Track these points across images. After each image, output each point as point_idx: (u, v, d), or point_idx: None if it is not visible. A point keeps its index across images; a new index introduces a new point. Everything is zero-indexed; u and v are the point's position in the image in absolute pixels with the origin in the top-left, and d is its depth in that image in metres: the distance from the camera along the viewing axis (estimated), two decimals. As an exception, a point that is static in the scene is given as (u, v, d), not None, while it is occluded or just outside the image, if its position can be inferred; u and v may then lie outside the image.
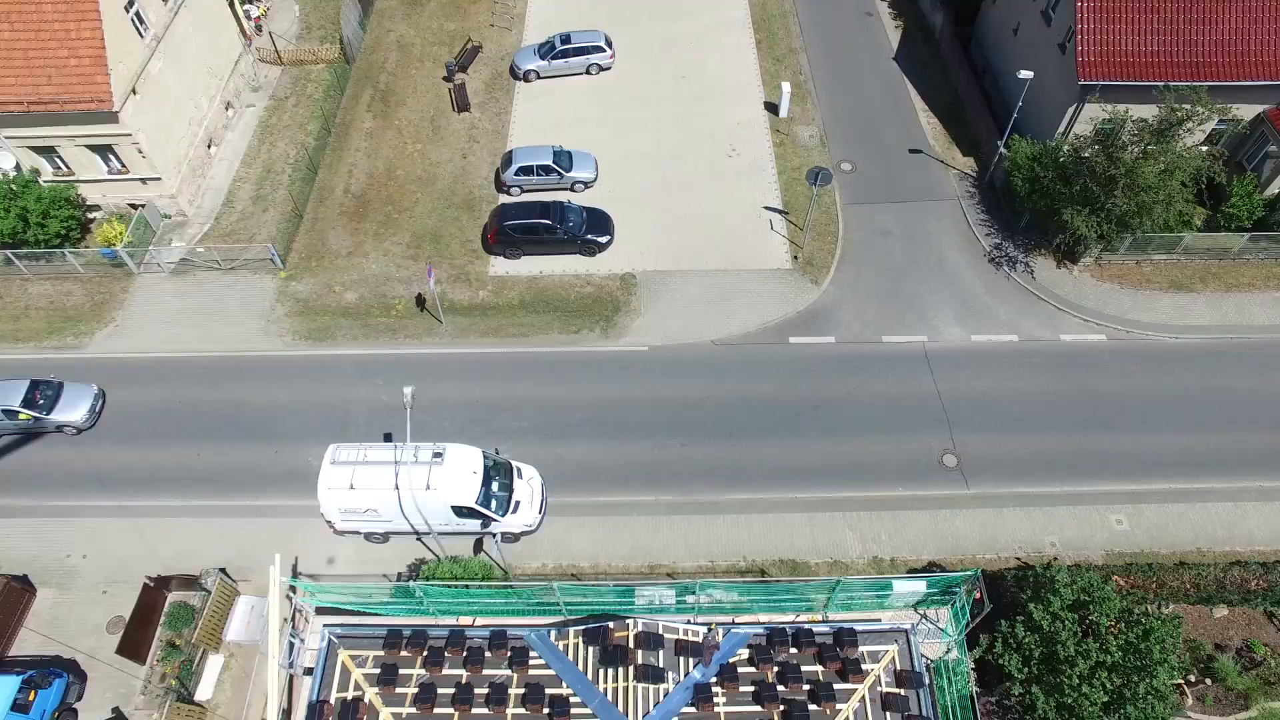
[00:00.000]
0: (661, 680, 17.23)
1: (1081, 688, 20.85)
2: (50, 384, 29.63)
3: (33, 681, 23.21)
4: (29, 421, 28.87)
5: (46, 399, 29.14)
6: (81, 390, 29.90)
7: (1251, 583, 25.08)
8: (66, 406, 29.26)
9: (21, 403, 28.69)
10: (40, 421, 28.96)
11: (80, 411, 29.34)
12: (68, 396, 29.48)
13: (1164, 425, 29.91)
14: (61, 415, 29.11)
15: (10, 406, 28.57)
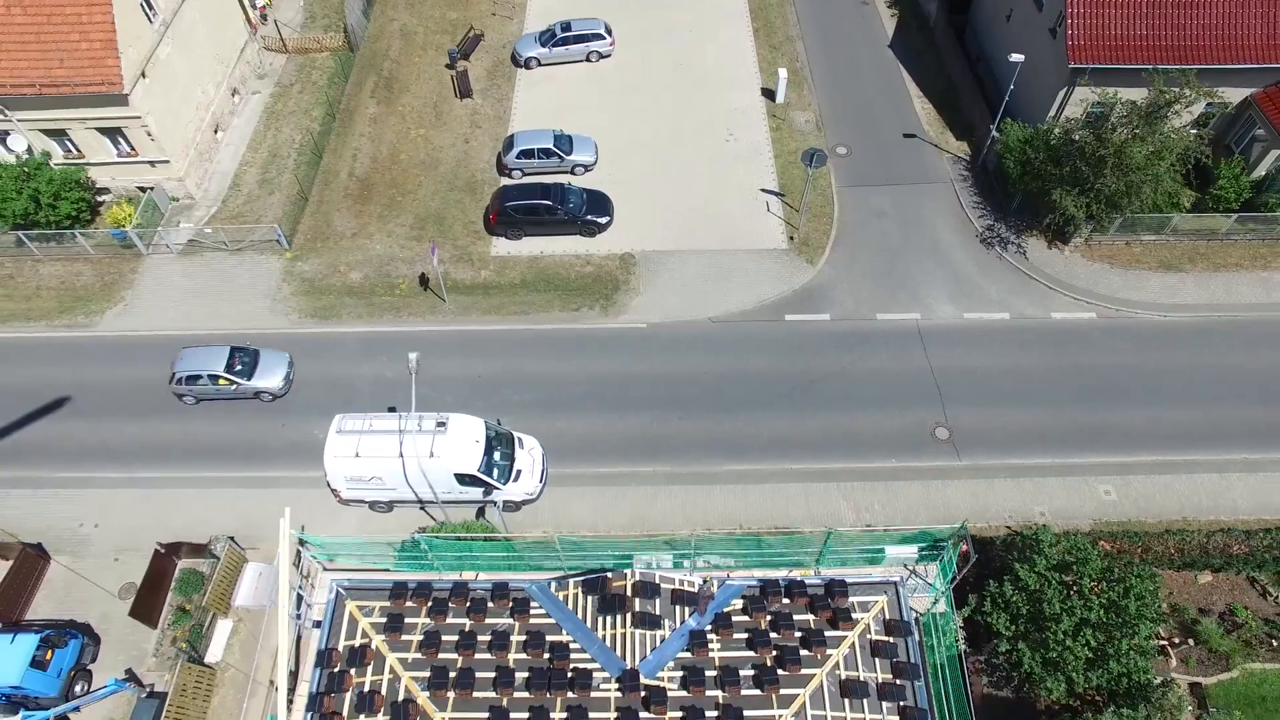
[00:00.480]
0: (658, 627, 17.88)
1: (1066, 642, 21.50)
2: (248, 350, 30.12)
3: (50, 641, 23.87)
4: (228, 387, 29.34)
5: (245, 365, 29.66)
6: (277, 357, 30.40)
7: (1234, 548, 25.70)
8: (264, 373, 29.82)
9: (224, 369, 29.18)
10: (240, 387, 29.41)
11: (278, 378, 29.89)
12: (264, 363, 30.01)
13: (1152, 400, 30.55)
14: (260, 381, 29.71)
15: (214, 372, 29.06)
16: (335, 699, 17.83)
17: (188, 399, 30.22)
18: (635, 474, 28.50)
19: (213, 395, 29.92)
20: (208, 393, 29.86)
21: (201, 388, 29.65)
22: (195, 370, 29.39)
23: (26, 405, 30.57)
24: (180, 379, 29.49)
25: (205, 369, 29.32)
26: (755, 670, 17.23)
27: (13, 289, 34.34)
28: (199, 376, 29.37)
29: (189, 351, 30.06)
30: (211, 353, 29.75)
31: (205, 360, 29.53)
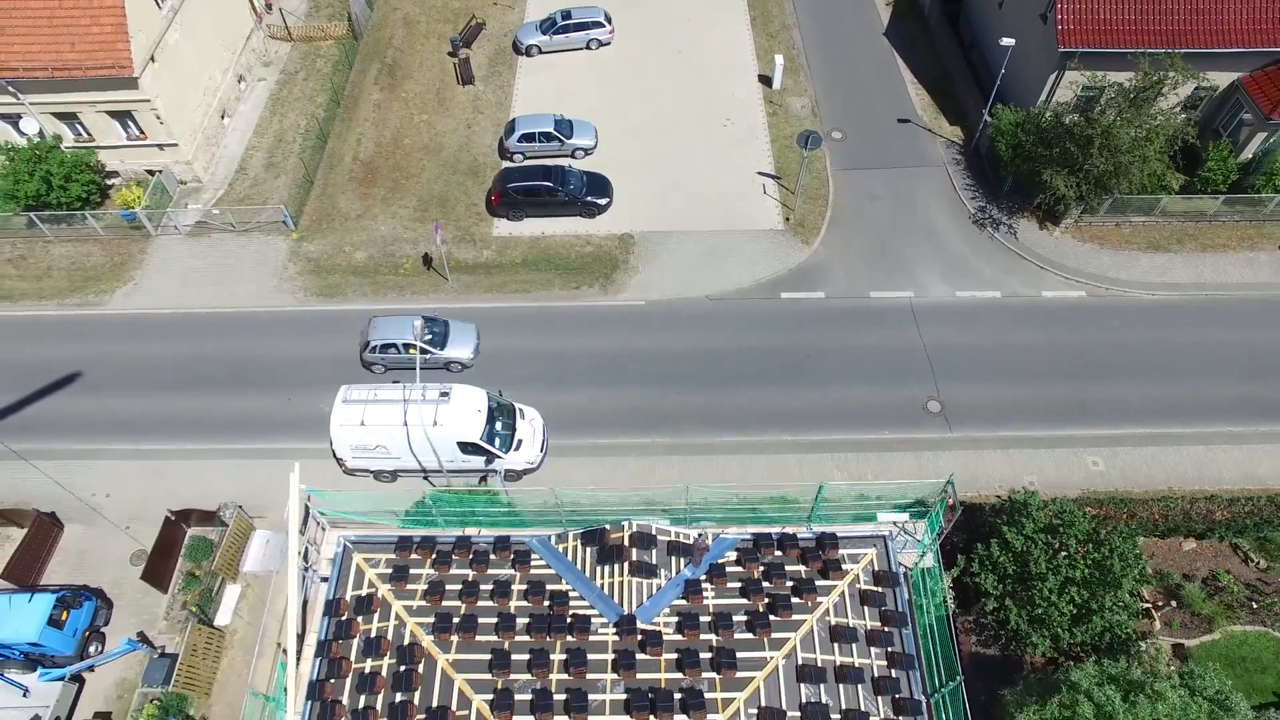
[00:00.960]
0: (654, 576, 18.54)
1: (1051, 599, 22.17)
2: (438, 321, 30.57)
3: (66, 601, 24.57)
4: (420, 356, 29.28)
5: (436, 335, 30.10)
6: (466, 328, 30.84)
7: (1216, 514, 26.34)
8: (456, 343, 30.28)
9: (419, 338, 29.23)
10: (432, 356, 29.76)
11: (468, 349, 30.39)
12: (455, 334, 30.42)
13: (1140, 375, 31.20)
14: (452, 352, 30.19)
15: (409, 341, 29.42)
16: (342, 645, 18.50)
17: (377, 368, 30.67)
18: (634, 445, 29.17)
19: (404, 364, 30.05)
20: (399, 362, 30.15)
21: (393, 357, 30.00)
22: (390, 339, 29.69)
23: (39, 380, 31.28)
24: (374, 348, 29.82)
25: (400, 338, 29.64)
26: (748, 616, 17.90)
27: (25, 269, 35.06)
28: (393, 345, 29.71)
29: (381, 320, 30.37)
30: (405, 322, 30.02)
31: (400, 329, 29.83)
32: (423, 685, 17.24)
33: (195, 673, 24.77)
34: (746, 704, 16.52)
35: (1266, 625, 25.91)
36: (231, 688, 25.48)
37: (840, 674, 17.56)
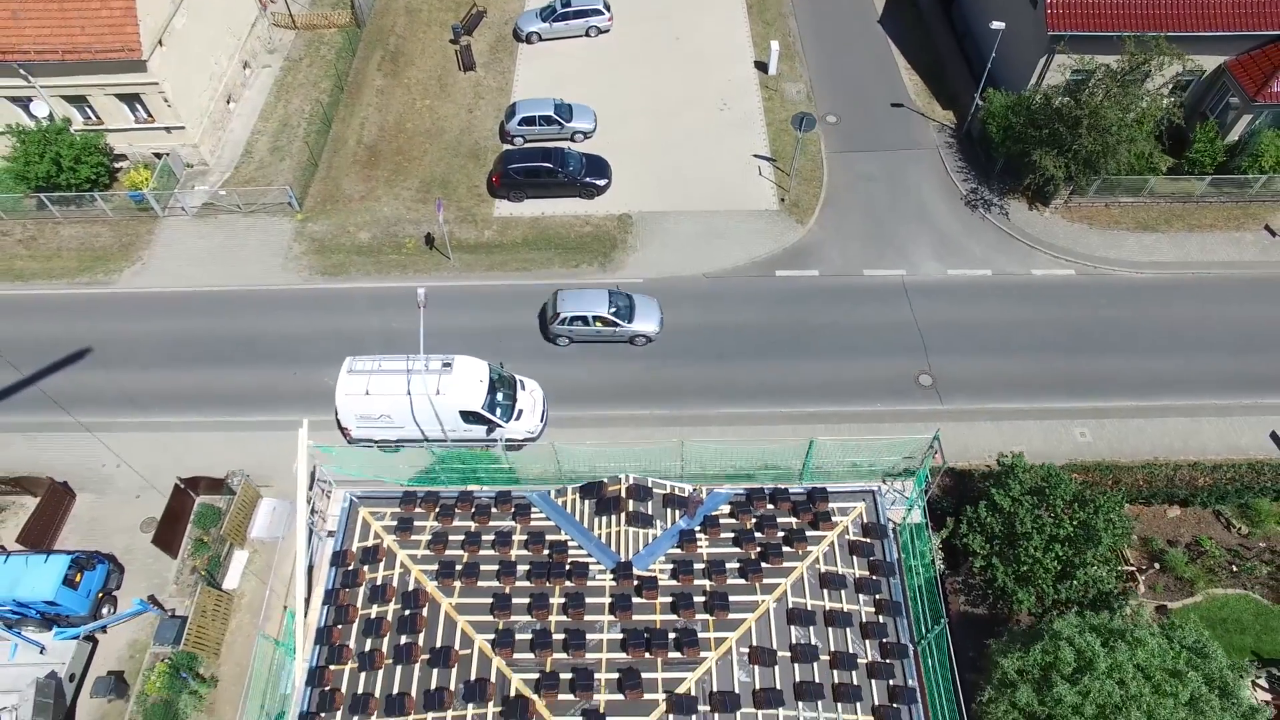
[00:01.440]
0: (650, 526, 19.24)
1: (1036, 555, 22.85)
2: (623, 294, 31.15)
3: (80, 563, 25.24)
4: (608, 329, 30.33)
5: (623, 308, 30.71)
6: (650, 302, 31.38)
7: (1199, 480, 27.02)
8: (642, 317, 30.81)
9: (607, 311, 30.23)
10: (619, 330, 30.38)
11: (653, 323, 30.87)
12: (640, 307, 30.97)
13: (1128, 350, 31.90)
14: (639, 325, 30.73)
15: (598, 314, 30.14)
16: (349, 593, 19.19)
17: (562, 340, 31.27)
18: (632, 416, 29.85)
19: (591, 338, 30.84)
20: (586, 335, 30.80)
21: (581, 329, 30.59)
22: (580, 312, 30.29)
23: (50, 356, 31.97)
24: (565, 320, 30.36)
25: (590, 311, 30.25)
26: (740, 563, 18.57)
27: (35, 249, 35.77)
28: (582, 318, 30.31)
29: (569, 294, 31.01)
30: (593, 295, 30.72)
31: (589, 303, 30.46)
32: (427, 628, 17.93)
33: (205, 633, 25.47)
34: (739, 643, 17.19)
35: (1246, 588, 26.61)
36: (240, 649, 26.17)
37: (829, 618, 18.24)
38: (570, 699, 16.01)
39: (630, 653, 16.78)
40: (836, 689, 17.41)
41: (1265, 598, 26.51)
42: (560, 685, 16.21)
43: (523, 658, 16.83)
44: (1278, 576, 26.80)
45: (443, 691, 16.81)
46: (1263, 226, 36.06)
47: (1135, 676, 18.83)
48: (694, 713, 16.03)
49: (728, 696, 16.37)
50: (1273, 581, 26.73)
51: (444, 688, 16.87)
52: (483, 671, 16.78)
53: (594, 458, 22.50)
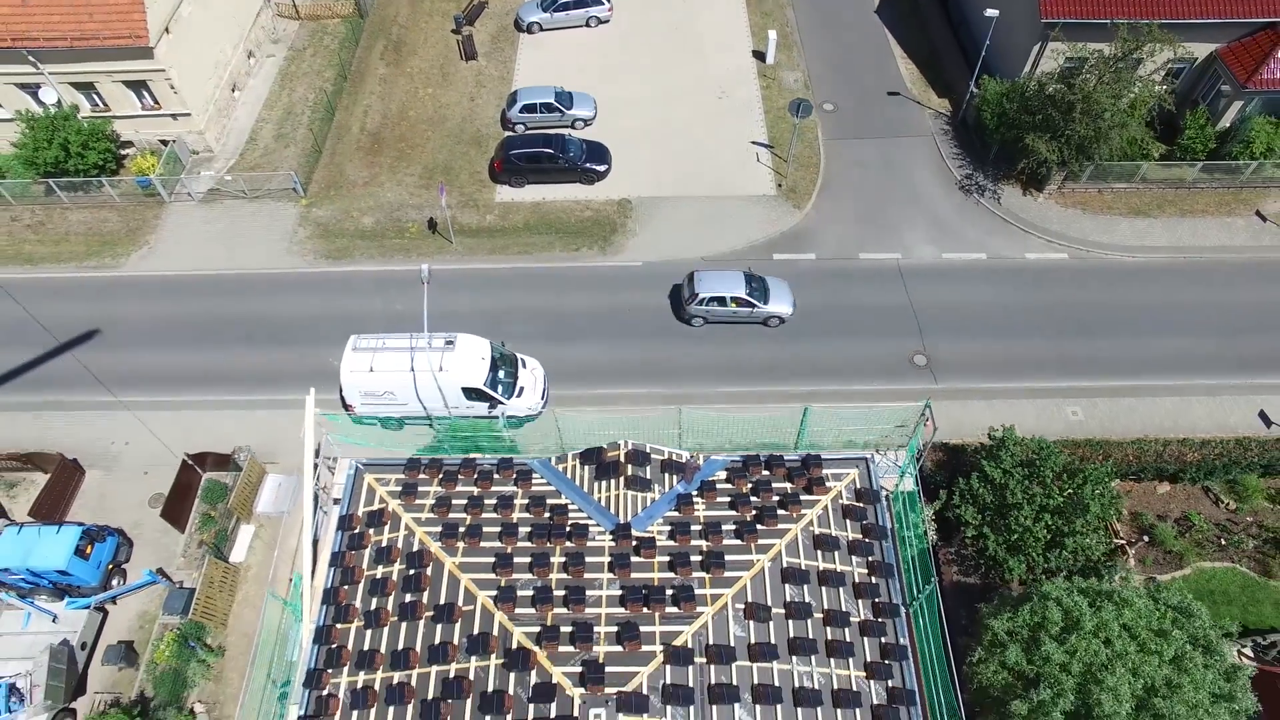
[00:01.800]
0: (648, 490, 19.77)
1: (1027, 524, 23.36)
2: (756, 276, 31.51)
3: (91, 534, 25.77)
4: (743, 310, 30.79)
5: (758, 289, 31.13)
6: (782, 284, 31.72)
7: (1188, 456, 27.51)
8: (776, 299, 31.24)
9: (744, 292, 30.67)
10: (755, 310, 30.91)
11: (787, 305, 31.32)
12: (775, 289, 31.38)
13: (1120, 332, 32.39)
14: (773, 306, 31.19)
15: (736, 294, 30.62)
16: (355, 555, 19.72)
17: (697, 321, 31.70)
18: (632, 395, 30.34)
19: (726, 318, 31.35)
20: (722, 315, 31.26)
21: (717, 310, 30.99)
22: (719, 292, 30.69)
23: (59, 337, 32.47)
24: (703, 300, 30.76)
25: (728, 292, 30.68)
26: (736, 525, 19.09)
27: (44, 234, 36.31)
28: (720, 299, 30.71)
29: (705, 274, 31.38)
30: (730, 277, 31.17)
31: (727, 284, 30.91)
32: (431, 586, 18.45)
33: (212, 604, 25.97)
34: (734, 600, 17.70)
35: (1234, 562, 27.10)
36: (247, 620, 26.68)
37: (823, 577, 18.76)
38: (570, 650, 16.51)
39: (629, 608, 17.28)
40: (830, 645, 17.93)
41: (1252, 571, 27.00)
42: (561, 638, 16.72)
43: (524, 612, 17.34)
44: (1264, 550, 27.29)
45: (446, 645, 17.32)
46: (1254, 212, 36.55)
47: (1121, 635, 19.33)
48: (690, 664, 16.53)
49: (723, 649, 16.88)
50: (1259, 555, 27.22)
51: (448, 642, 17.39)
52: (485, 626, 17.29)
53: (594, 426, 23.02)
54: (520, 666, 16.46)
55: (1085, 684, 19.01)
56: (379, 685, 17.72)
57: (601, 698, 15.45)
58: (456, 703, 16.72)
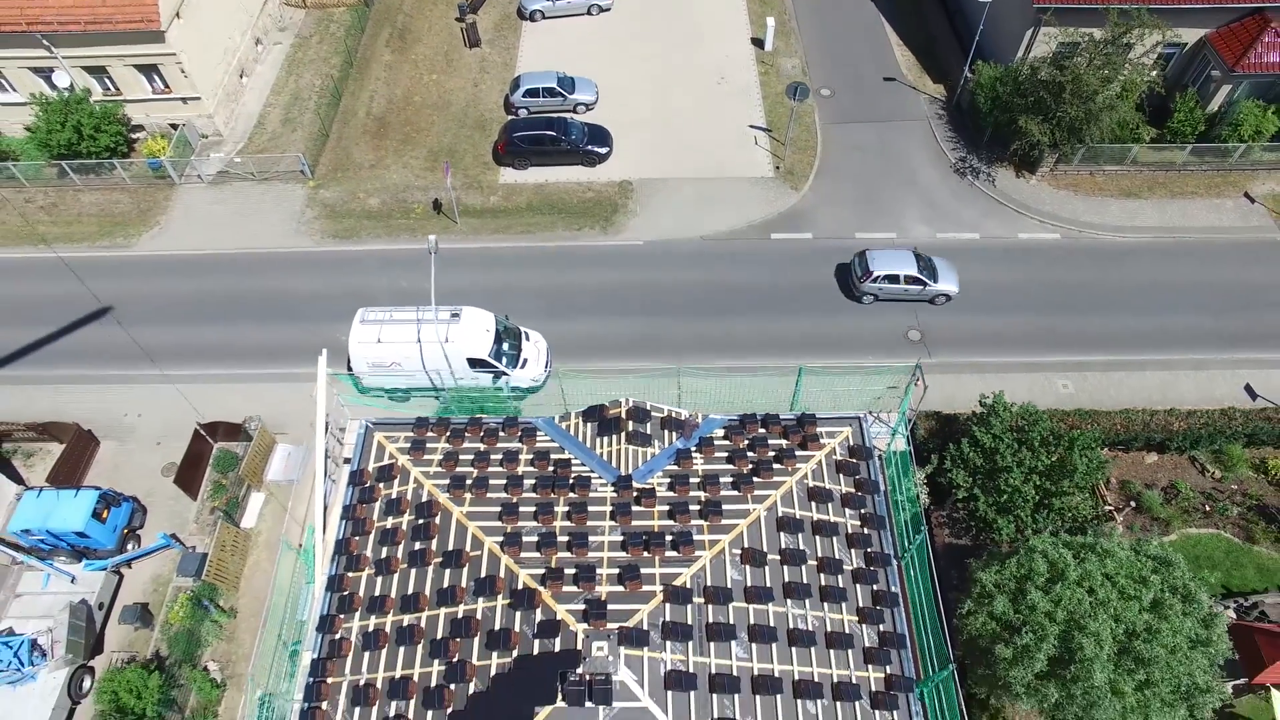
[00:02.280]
0: (649, 445, 20.51)
1: (1016, 485, 24.09)
2: (924, 256, 32.44)
3: (108, 498, 26.52)
4: (914, 288, 31.85)
5: (928, 269, 32.13)
6: (948, 264, 32.72)
7: (1175, 425, 28.23)
8: (944, 278, 32.22)
9: (916, 270, 31.79)
10: (925, 289, 31.95)
11: (954, 283, 32.27)
12: (941, 269, 32.43)
13: (1110, 309, 33.14)
14: (943, 285, 32.13)
15: (909, 273, 31.68)
16: (366, 508, 20.46)
17: (867, 299, 32.60)
18: (631, 368, 31.01)
19: (897, 295, 32.29)
20: (893, 293, 32.22)
21: (889, 287, 31.95)
22: (892, 270, 31.63)
23: (73, 314, 33.28)
24: (877, 278, 31.68)
25: (902, 270, 31.61)
26: (733, 478, 19.82)
27: (57, 215, 37.10)
28: (894, 277, 31.65)
29: (877, 254, 32.28)
30: (901, 255, 32.14)
31: (899, 262, 31.86)
32: (439, 534, 19.19)
33: (224, 567, 26.73)
34: (731, 545, 18.44)
35: (1219, 528, 27.82)
36: (258, 583, 27.44)
37: (817, 527, 19.49)
38: (574, 590, 17.23)
39: (630, 552, 18.02)
40: (823, 590, 18.66)
41: (1235, 537, 27.72)
42: (564, 579, 17.45)
43: (529, 556, 18.07)
44: (1248, 517, 28.02)
45: (455, 588, 18.07)
46: (1242, 194, 37.28)
47: (1104, 584, 20.05)
48: (689, 603, 17.26)
49: (720, 591, 17.61)
50: (1243, 521, 27.95)
51: (455, 585, 18.14)
52: (492, 569, 18.02)
53: (596, 388, 23.75)
54: (526, 605, 17.19)
55: (1069, 630, 19.72)
56: (389, 628, 18.44)
57: (604, 633, 16.16)
58: (465, 641, 17.45)
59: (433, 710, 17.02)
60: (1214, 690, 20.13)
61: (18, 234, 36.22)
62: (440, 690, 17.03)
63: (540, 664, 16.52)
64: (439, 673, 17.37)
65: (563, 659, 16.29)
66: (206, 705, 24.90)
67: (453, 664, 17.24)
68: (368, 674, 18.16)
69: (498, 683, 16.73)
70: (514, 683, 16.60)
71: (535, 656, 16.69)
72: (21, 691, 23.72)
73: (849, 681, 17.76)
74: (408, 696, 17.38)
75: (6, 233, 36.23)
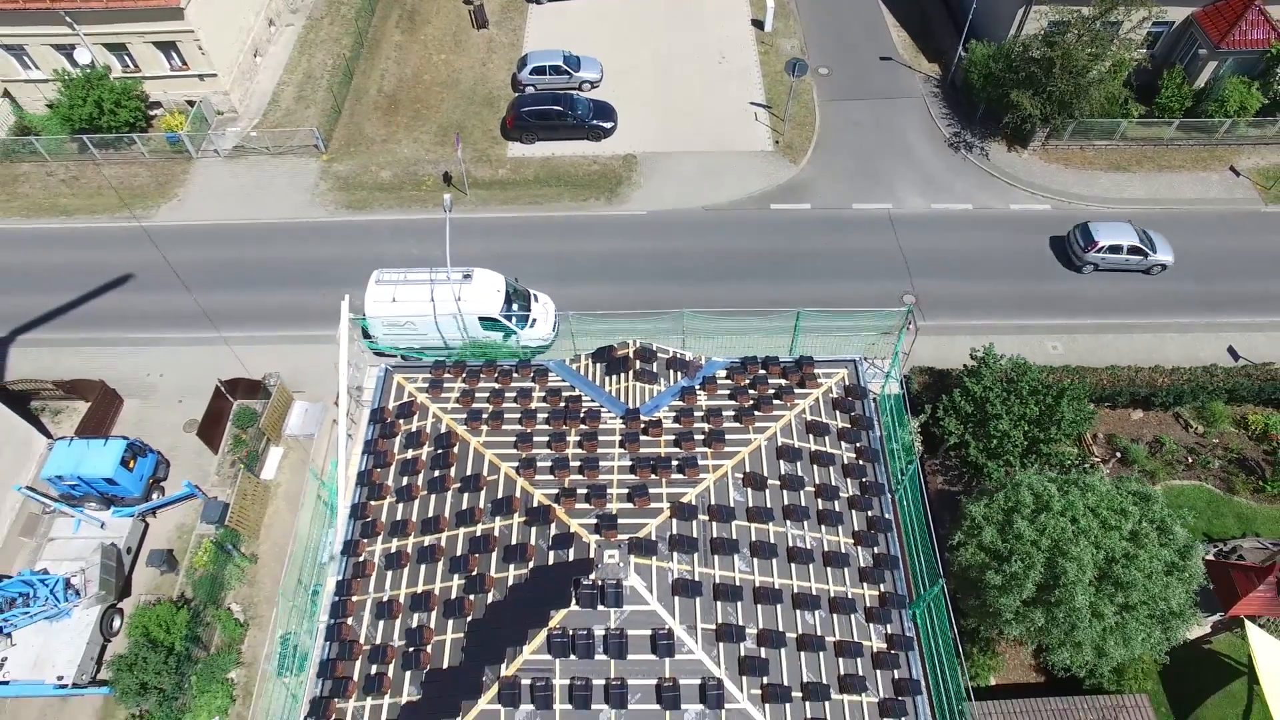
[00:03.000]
0: (655, 383, 21.63)
1: (1005, 429, 25.21)
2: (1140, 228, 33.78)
3: (135, 448, 27.64)
4: (1136, 257, 33.21)
5: (1148, 241, 33.43)
6: (1160, 236, 33.85)
7: (1159, 380, 29.38)
8: (1162, 249, 33.53)
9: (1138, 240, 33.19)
10: (1146, 259, 33.35)
11: (1170, 254, 33.59)
12: (1158, 241, 33.65)
13: (1099, 276, 34.28)
14: (1160, 256, 33.48)
15: (1133, 243, 33.13)
16: (386, 443, 21.57)
17: (1087, 268, 33.91)
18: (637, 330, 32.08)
19: (1119, 265, 33.75)
20: (1115, 262, 33.60)
21: (1111, 258, 33.35)
22: (1116, 241, 33.09)
23: (95, 280, 34.47)
24: (1101, 248, 33.20)
25: (1124, 240, 33.19)
26: (735, 411, 20.94)
27: (78, 188, 38.24)
28: (1118, 247, 33.12)
29: (1100, 225, 33.69)
30: (1121, 227, 33.61)
31: (1121, 233, 33.35)
32: (457, 462, 20.29)
33: (245, 515, 27.83)
34: (734, 470, 19.55)
35: (1201, 480, 28.96)
36: (277, 531, 28.57)
37: (814, 457, 20.60)
38: (586, 507, 18.35)
39: (638, 474, 19.14)
40: (820, 514, 19.77)
41: (1217, 488, 28.85)
42: (577, 497, 18.56)
43: (544, 478, 19.19)
44: (1228, 469, 29.16)
45: (473, 509, 19.18)
46: (1228, 168, 38.47)
47: (1086, 514, 21.20)
48: (694, 519, 18.37)
49: (723, 509, 18.72)
50: (1224, 474, 29.09)
51: (474, 507, 19.25)
52: (508, 491, 19.14)
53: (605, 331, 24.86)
54: (541, 521, 18.29)
55: (1053, 557, 20.87)
56: (411, 548, 19.55)
57: (615, 543, 17.21)
58: (483, 556, 18.55)
59: (453, 619, 18.10)
60: (1188, 615, 21.30)
61: (41, 206, 37.39)
62: (460, 601, 18.14)
63: (555, 573, 17.62)
64: (459, 585, 18.46)
65: (576, 568, 17.39)
66: (230, 643, 26.00)
67: (472, 577, 18.33)
68: (390, 591, 19.25)
69: (515, 592, 17.84)
70: (530, 591, 17.70)
71: (550, 567, 17.80)
72: (58, 627, 24.83)
73: (845, 597, 18.85)
74: (429, 608, 18.48)
75: (31, 205, 37.38)
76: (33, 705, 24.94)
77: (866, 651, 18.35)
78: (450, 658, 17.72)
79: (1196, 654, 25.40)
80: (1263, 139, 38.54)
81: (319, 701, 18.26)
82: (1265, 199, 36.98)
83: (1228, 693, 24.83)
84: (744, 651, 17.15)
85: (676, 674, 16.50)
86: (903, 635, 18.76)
